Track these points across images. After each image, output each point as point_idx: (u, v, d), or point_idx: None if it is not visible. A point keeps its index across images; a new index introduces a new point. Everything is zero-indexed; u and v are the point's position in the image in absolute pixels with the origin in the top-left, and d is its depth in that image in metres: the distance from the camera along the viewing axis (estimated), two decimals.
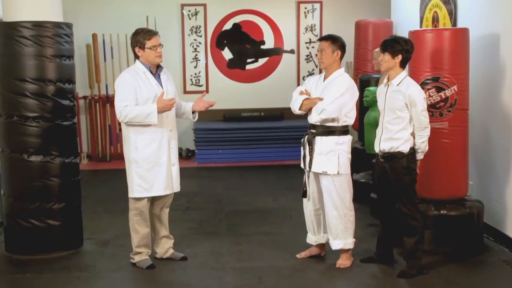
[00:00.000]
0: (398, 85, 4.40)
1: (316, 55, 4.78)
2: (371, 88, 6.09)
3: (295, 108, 4.65)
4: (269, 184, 7.83)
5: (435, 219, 4.92)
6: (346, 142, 4.60)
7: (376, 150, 4.58)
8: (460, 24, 5.89)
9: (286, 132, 9.24)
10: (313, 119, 4.59)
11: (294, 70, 10.02)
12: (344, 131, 4.59)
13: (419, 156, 4.47)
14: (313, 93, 4.64)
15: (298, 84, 9.54)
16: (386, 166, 4.47)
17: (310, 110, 4.60)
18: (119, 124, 5.71)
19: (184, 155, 9.51)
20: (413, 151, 4.43)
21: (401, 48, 4.38)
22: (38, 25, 4.81)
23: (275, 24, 9.93)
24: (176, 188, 4.75)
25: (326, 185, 4.59)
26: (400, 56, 4.39)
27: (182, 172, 4.87)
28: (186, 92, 9.78)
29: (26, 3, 4.92)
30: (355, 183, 5.20)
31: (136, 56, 4.62)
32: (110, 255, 5.06)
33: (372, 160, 5.33)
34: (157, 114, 4.41)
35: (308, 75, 9.76)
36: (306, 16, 9.91)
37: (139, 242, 4.69)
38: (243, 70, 10.00)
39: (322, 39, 4.67)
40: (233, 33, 9.92)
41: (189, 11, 9.77)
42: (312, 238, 4.82)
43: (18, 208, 4.96)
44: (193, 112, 4.80)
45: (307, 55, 10.00)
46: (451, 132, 4.90)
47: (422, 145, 4.42)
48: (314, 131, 4.60)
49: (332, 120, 4.51)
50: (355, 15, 8.77)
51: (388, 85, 4.47)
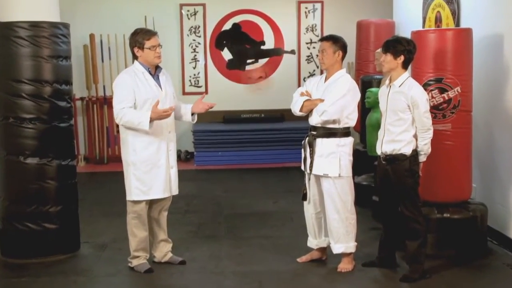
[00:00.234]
0: (400, 86, 4.35)
1: (317, 55, 4.74)
2: (373, 89, 6.04)
3: (296, 110, 4.59)
4: (269, 187, 7.78)
5: (438, 222, 4.86)
6: (347, 144, 4.55)
7: (378, 152, 4.53)
8: (464, 24, 5.83)
9: (287, 134, 9.16)
10: (314, 120, 4.54)
11: (294, 70, 9.97)
12: (345, 132, 4.55)
13: (422, 159, 4.43)
14: (314, 94, 4.59)
15: (299, 85, 9.48)
16: (388, 169, 4.43)
17: (311, 112, 4.54)
18: (117, 126, 5.66)
19: (183, 157, 9.45)
20: (415, 153, 4.38)
21: (403, 48, 4.34)
22: (34, 25, 4.75)
23: (275, 24, 9.87)
24: (175, 191, 4.70)
25: (327, 187, 4.53)
26: (402, 57, 4.34)
27: (181, 174, 4.84)
28: (185, 93, 9.71)
29: (22, 3, 4.85)
30: (357, 186, 5.17)
31: (134, 57, 4.57)
32: (108, 259, 5.01)
33: (374, 163, 5.27)
34: (148, 123, 4.34)
35: (308, 76, 9.71)
36: (306, 16, 9.85)
37: (137, 246, 4.64)
38: (242, 71, 9.94)
39: (323, 39, 4.63)
40: (232, 33, 9.85)
41: (188, 11, 9.71)
42: (313, 242, 4.76)
43: (14, 211, 4.90)
44: (192, 114, 4.76)
45: (308, 56, 9.94)
46: (454, 134, 4.84)
47: (425, 147, 4.37)
48: (315, 133, 4.55)
49: (333, 122, 4.46)
50: (356, 15, 8.72)
51: (390, 86, 4.43)
